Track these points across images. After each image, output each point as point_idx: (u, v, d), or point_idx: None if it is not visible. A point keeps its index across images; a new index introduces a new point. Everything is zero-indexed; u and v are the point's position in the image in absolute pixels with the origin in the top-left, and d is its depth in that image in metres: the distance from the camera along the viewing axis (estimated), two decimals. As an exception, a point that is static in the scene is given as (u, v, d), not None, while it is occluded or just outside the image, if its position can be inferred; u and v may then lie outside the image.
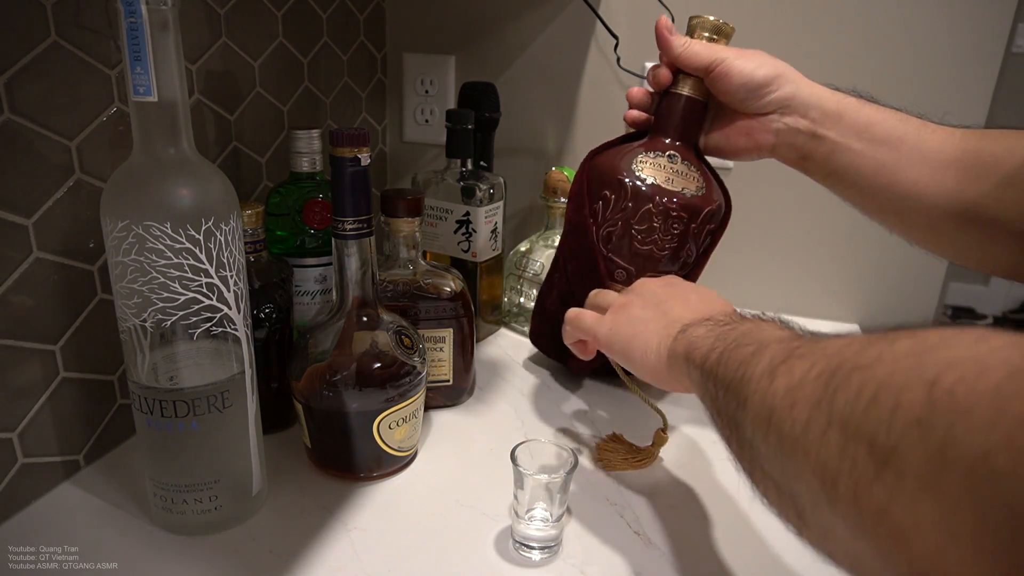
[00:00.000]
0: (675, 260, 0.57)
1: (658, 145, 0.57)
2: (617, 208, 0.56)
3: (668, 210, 0.55)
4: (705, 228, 0.57)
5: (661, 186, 0.55)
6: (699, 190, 0.56)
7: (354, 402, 0.51)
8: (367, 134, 0.48)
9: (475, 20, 0.91)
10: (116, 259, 0.41)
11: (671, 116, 0.57)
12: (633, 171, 0.55)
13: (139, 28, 0.38)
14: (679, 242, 0.56)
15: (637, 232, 0.55)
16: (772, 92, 0.53)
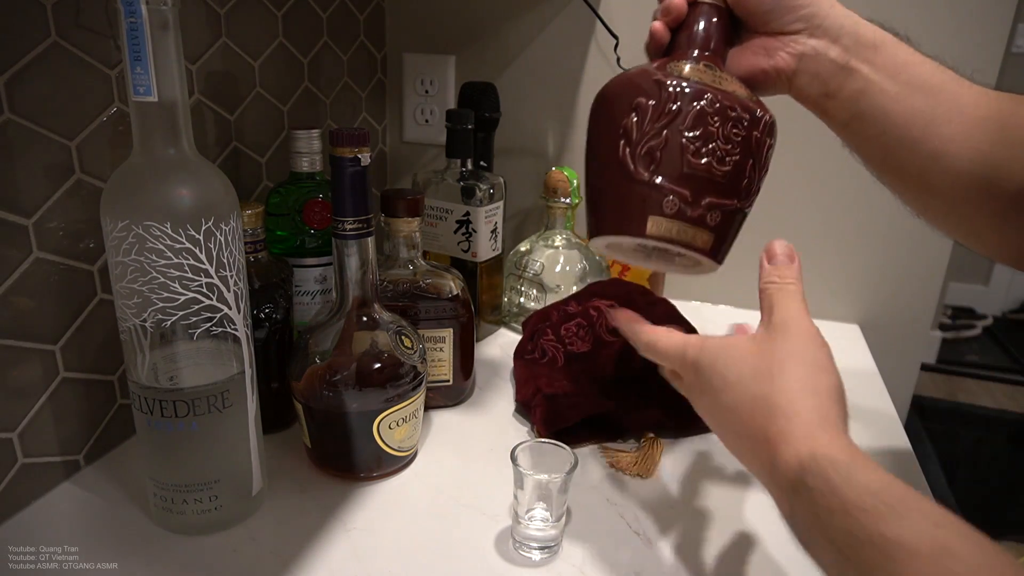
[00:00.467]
0: (739, 182, 0.44)
1: (689, 55, 0.46)
2: (658, 114, 0.42)
3: (727, 108, 0.42)
4: (766, 142, 0.45)
5: (711, 84, 0.43)
6: (751, 97, 0.44)
7: (354, 402, 0.51)
8: (367, 134, 0.48)
9: (475, 20, 0.91)
10: (116, 259, 0.41)
11: (695, 27, 0.47)
12: (670, 71, 0.43)
13: (139, 28, 0.38)
14: (743, 155, 0.43)
15: (690, 141, 0.42)
16: (802, 6, 0.44)
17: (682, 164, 0.42)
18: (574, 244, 0.80)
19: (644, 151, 0.42)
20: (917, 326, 0.88)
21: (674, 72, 0.44)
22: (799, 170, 0.85)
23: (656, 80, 0.43)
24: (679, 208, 0.43)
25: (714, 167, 0.43)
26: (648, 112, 0.42)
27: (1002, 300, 2.83)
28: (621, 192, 0.43)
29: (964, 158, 0.44)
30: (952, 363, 2.39)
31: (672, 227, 0.43)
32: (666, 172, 0.42)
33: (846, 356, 0.80)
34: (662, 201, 0.42)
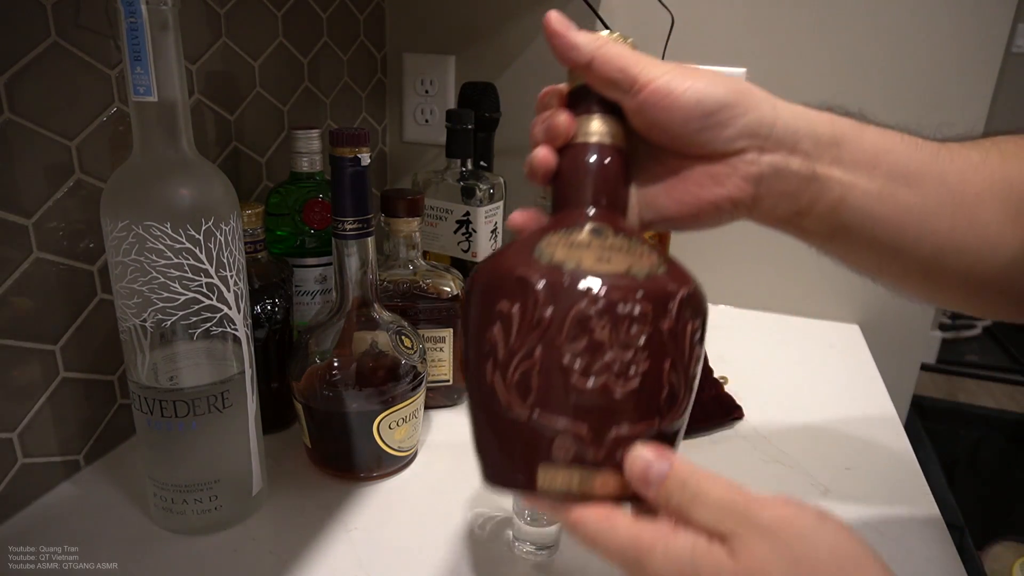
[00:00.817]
0: (655, 396, 0.31)
1: (571, 221, 0.34)
2: (527, 326, 0.30)
3: (615, 304, 0.30)
4: (687, 329, 0.32)
5: (594, 270, 0.31)
6: (656, 267, 0.32)
7: (354, 402, 0.51)
8: (367, 134, 0.48)
9: (475, 20, 0.91)
10: (116, 259, 0.41)
11: (581, 176, 0.35)
12: (537, 260, 0.31)
13: (139, 28, 0.38)
14: (652, 359, 0.31)
15: (573, 358, 0.30)
16: (739, 117, 0.34)
17: (568, 391, 0.30)
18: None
19: (517, 377, 0.31)
20: (917, 326, 0.88)
21: (544, 256, 0.31)
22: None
23: (519, 277, 0.31)
24: (575, 451, 0.30)
25: (612, 387, 0.30)
26: (513, 323, 0.31)
27: (1002, 300, 2.83)
28: (497, 430, 0.32)
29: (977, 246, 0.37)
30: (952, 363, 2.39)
31: (571, 479, 0.30)
32: (549, 404, 0.30)
33: (846, 356, 0.80)
34: (551, 444, 0.30)
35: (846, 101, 0.85)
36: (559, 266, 0.31)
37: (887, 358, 0.82)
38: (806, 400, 0.69)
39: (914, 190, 0.37)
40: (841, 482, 0.56)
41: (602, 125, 0.36)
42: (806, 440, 0.62)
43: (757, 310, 0.91)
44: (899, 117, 0.84)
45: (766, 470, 0.58)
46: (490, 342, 0.31)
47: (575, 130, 0.36)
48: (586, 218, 0.34)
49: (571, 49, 0.35)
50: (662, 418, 0.31)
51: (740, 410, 0.65)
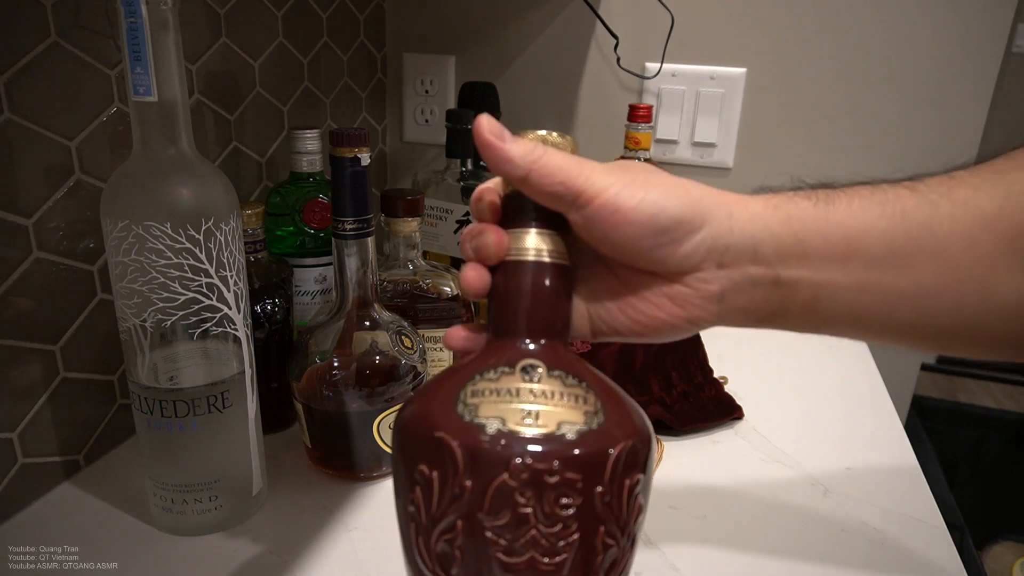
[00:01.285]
0: (590, 567, 0.29)
1: (501, 355, 0.31)
2: (446, 495, 0.28)
3: (540, 476, 0.27)
4: (623, 486, 0.29)
5: (516, 432, 0.28)
6: (592, 418, 0.29)
7: (354, 402, 0.51)
8: (367, 134, 0.48)
9: (475, 20, 0.91)
10: (116, 259, 0.41)
11: (516, 301, 0.32)
12: (460, 415, 0.29)
13: (139, 28, 0.38)
14: (584, 530, 0.28)
15: (496, 533, 0.28)
16: (694, 232, 0.31)
17: (492, 565, 0.28)
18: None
19: (439, 547, 0.29)
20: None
21: (467, 411, 0.29)
22: (798, 168, 0.85)
23: (437, 439, 0.28)
24: None
25: (540, 562, 0.28)
26: (434, 490, 0.28)
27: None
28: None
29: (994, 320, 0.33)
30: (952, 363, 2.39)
31: None
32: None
33: (846, 356, 0.80)
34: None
35: (846, 101, 0.85)
36: (480, 428, 0.28)
37: (887, 358, 0.82)
38: (806, 400, 0.69)
39: (903, 273, 0.32)
40: (841, 482, 0.56)
41: (540, 240, 0.32)
42: (806, 440, 0.62)
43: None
44: (898, 117, 0.85)
45: (766, 470, 0.58)
46: (413, 503, 0.29)
47: (510, 245, 0.32)
48: (519, 353, 0.31)
49: (504, 163, 0.31)
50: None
51: (740, 410, 0.65)
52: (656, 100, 0.87)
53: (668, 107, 0.87)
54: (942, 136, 0.80)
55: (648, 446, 0.30)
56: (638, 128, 0.79)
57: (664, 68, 0.86)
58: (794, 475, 0.57)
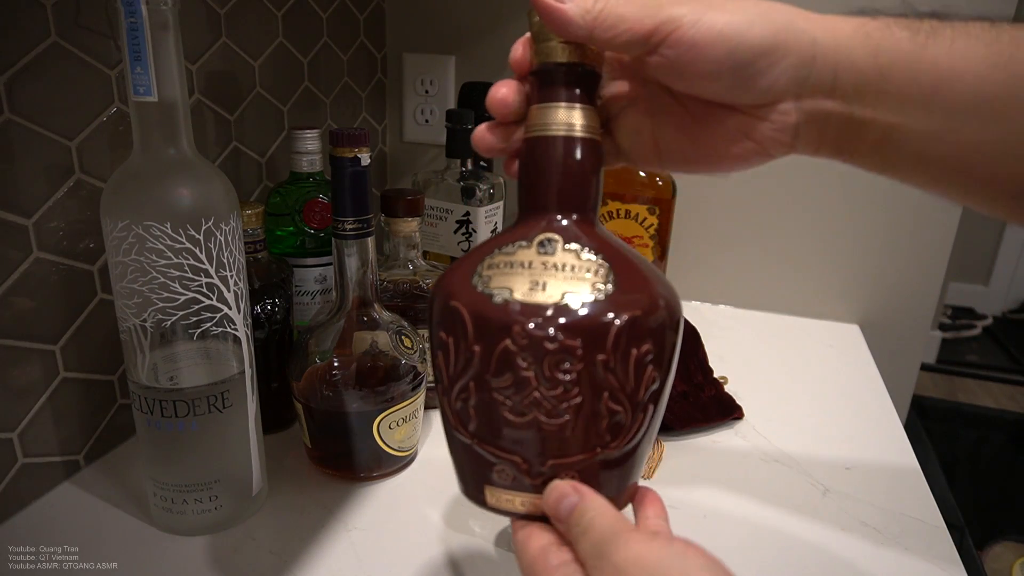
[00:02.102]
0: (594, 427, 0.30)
1: (523, 230, 0.32)
2: (460, 359, 0.31)
3: (540, 342, 0.29)
4: (629, 354, 0.29)
5: (521, 301, 0.29)
6: (599, 291, 0.29)
7: (354, 402, 0.51)
8: (367, 134, 0.48)
9: (475, 20, 0.91)
10: (116, 259, 0.41)
11: (542, 177, 0.32)
12: (473, 287, 0.31)
13: (139, 28, 0.38)
14: (585, 394, 0.29)
15: (501, 393, 0.30)
16: (777, 63, 0.29)
17: (500, 425, 0.31)
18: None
19: (458, 404, 0.32)
20: (917, 326, 0.88)
21: (480, 282, 0.31)
22: (798, 168, 0.85)
23: (452, 308, 0.30)
24: (514, 477, 0.31)
25: (543, 421, 0.30)
26: (451, 355, 0.31)
27: (1002, 300, 2.83)
28: (453, 448, 0.34)
29: None
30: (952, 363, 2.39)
31: (514, 499, 0.32)
32: (485, 435, 0.31)
33: (846, 356, 0.80)
34: (492, 469, 0.32)
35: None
36: (488, 297, 0.30)
37: (887, 358, 0.82)
38: (806, 400, 0.69)
39: (989, 124, 0.29)
40: (841, 482, 0.56)
41: (570, 115, 0.31)
42: (806, 440, 0.62)
43: (757, 310, 0.91)
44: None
45: (766, 470, 0.58)
46: (437, 366, 0.32)
47: (538, 121, 0.32)
48: (539, 228, 0.32)
49: (565, 25, 0.30)
50: (604, 446, 0.31)
51: (740, 410, 0.65)
52: (656, 100, 0.87)
53: (668, 107, 0.87)
54: None
55: (665, 319, 0.30)
56: (638, 128, 0.79)
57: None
58: (794, 475, 0.57)
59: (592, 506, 0.29)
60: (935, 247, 0.84)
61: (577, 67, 0.32)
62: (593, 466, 0.31)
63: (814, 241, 0.87)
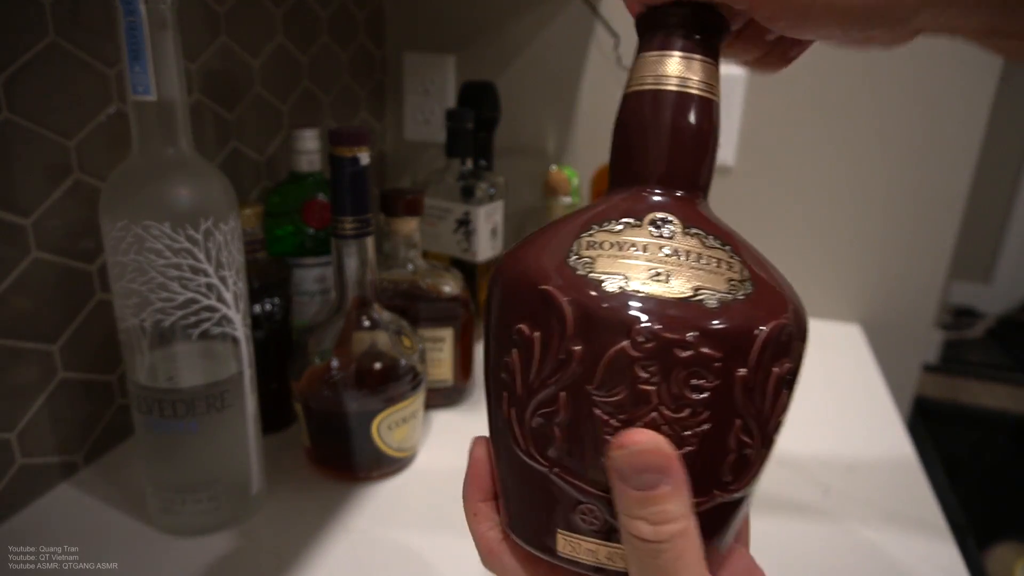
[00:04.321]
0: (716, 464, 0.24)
1: (626, 205, 0.25)
2: (550, 362, 0.23)
3: (670, 347, 0.22)
4: (770, 373, 0.24)
5: (643, 292, 0.23)
6: (738, 287, 0.23)
7: (353, 402, 0.51)
8: (367, 133, 0.48)
9: (475, 20, 0.91)
10: (115, 259, 0.41)
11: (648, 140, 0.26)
12: (572, 268, 0.23)
13: (138, 27, 0.38)
14: (716, 420, 0.23)
15: (604, 411, 0.23)
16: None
17: (598, 452, 0.23)
18: (574, 244, 0.80)
19: (535, 423, 0.24)
20: (919, 325, 0.88)
21: (581, 264, 0.23)
22: (798, 166, 0.85)
23: (543, 293, 0.23)
24: (603, 524, 0.24)
25: None
26: (534, 354, 0.23)
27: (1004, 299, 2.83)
28: (514, 472, 0.26)
29: None
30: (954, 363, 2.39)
31: (599, 551, 0.24)
32: (572, 464, 0.24)
33: (847, 356, 0.80)
34: (574, 509, 0.24)
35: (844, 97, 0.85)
36: (597, 284, 0.23)
37: (888, 358, 0.82)
38: (807, 400, 0.69)
39: None
40: (842, 482, 0.56)
41: (686, 67, 0.25)
42: (807, 440, 0.62)
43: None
44: (898, 116, 0.84)
45: (767, 470, 0.57)
46: (507, 369, 0.24)
47: (645, 73, 0.26)
48: (649, 204, 0.25)
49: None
50: (723, 488, 0.24)
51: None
52: (656, 99, 0.87)
53: (669, 106, 0.87)
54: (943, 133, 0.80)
55: (804, 333, 0.25)
56: (638, 127, 0.79)
57: (664, 67, 0.85)
58: (795, 475, 0.57)
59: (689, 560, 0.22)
60: (936, 245, 0.84)
61: (703, 9, 0.25)
62: (706, 515, 0.24)
63: (814, 240, 0.87)
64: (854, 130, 0.82)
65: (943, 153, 0.80)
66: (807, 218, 0.86)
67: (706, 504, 0.24)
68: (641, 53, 0.26)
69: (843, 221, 0.85)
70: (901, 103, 0.80)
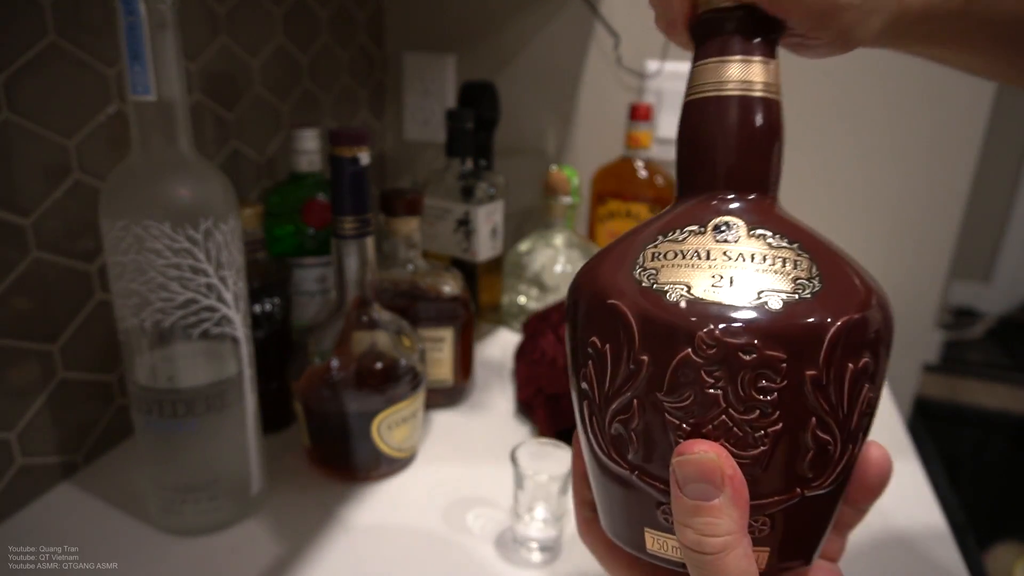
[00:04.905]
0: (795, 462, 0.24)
1: (691, 214, 0.26)
2: (622, 373, 0.25)
3: (733, 353, 0.23)
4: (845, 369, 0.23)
5: (704, 300, 0.23)
6: (805, 285, 0.24)
7: (353, 402, 0.51)
8: (366, 133, 0.48)
9: (475, 20, 0.91)
10: (115, 259, 0.41)
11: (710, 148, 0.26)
12: (637, 281, 0.25)
13: (137, 27, 0.38)
14: (788, 420, 0.23)
15: (674, 416, 0.24)
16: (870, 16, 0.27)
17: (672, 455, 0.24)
18: (574, 244, 0.80)
19: (613, 431, 0.25)
20: (919, 325, 0.88)
21: (645, 276, 0.25)
22: (797, 165, 0.84)
23: (610, 307, 0.24)
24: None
25: (731, 452, 0.23)
26: (607, 366, 0.25)
27: (1004, 299, 2.83)
28: (601, 477, 0.27)
29: None
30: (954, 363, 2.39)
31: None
32: (650, 468, 0.25)
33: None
34: (656, 508, 0.25)
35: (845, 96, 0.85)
36: (660, 295, 0.24)
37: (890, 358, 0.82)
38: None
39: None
40: (842, 482, 0.56)
41: (745, 71, 0.26)
42: (807, 440, 0.62)
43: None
44: (899, 115, 0.84)
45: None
46: (586, 380, 0.26)
47: (705, 80, 0.26)
48: (713, 210, 0.26)
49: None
50: (807, 485, 0.24)
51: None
52: (657, 99, 0.87)
53: (669, 106, 0.87)
54: (943, 133, 0.80)
55: (882, 324, 0.24)
56: (638, 127, 0.79)
57: (665, 67, 0.86)
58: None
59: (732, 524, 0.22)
60: (937, 245, 0.84)
61: (756, 11, 0.25)
62: (789, 511, 0.24)
63: (815, 241, 0.87)
64: (854, 131, 0.82)
65: (943, 153, 0.80)
66: (807, 218, 0.86)
67: (789, 501, 0.24)
68: (699, 61, 0.27)
69: (843, 221, 0.85)
70: (901, 104, 0.80)
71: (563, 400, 0.59)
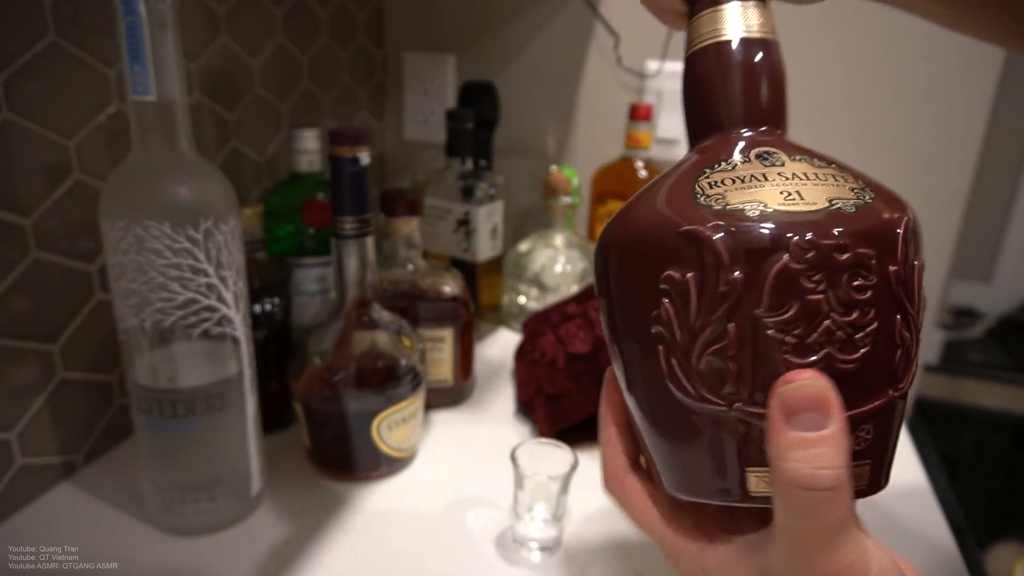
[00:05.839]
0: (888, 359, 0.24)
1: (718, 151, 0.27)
2: (711, 298, 0.24)
3: (830, 253, 0.23)
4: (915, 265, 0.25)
5: (788, 211, 0.23)
6: (862, 193, 0.25)
7: (353, 402, 0.51)
8: (366, 133, 0.48)
9: (475, 20, 0.91)
10: (115, 259, 0.41)
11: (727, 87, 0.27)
12: (707, 207, 0.24)
13: (137, 27, 0.38)
14: (881, 314, 0.24)
15: (780, 331, 0.23)
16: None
17: (777, 375, 0.23)
18: (574, 244, 0.80)
19: (704, 364, 0.24)
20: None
21: (713, 200, 0.24)
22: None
23: (687, 233, 0.24)
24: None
25: (838, 359, 0.23)
26: (691, 296, 0.24)
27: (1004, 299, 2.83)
28: (685, 429, 0.25)
29: None
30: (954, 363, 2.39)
31: None
32: (754, 394, 0.24)
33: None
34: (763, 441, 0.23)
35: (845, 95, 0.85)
36: (738, 212, 0.23)
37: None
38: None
39: None
40: (842, 482, 0.56)
41: (744, 15, 0.27)
42: (807, 440, 0.62)
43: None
44: (899, 115, 0.84)
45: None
46: (660, 322, 0.24)
47: (703, 29, 0.27)
48: (747, 141, 0.26)
49: None
50: (896, 386, 0.24)
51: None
52: (657, 99, 0.87)
53: (669, 106, 0.87)
54: (943, 133, 0.80)
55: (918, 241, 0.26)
56: (638, 127, 0.79)
57: (665, 67, 0.86)
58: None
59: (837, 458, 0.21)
60: (937, 245, 0.84)
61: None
62: (885, 415, 0.24)
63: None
64: (854, 130, 0.82)
65: (943, 153, 0.80)
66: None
67: (882, 403, 0.24)
68: (696, 15, 0.28)
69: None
70: (901, 103, 0.80)
71: (563, 400, 0.59)
